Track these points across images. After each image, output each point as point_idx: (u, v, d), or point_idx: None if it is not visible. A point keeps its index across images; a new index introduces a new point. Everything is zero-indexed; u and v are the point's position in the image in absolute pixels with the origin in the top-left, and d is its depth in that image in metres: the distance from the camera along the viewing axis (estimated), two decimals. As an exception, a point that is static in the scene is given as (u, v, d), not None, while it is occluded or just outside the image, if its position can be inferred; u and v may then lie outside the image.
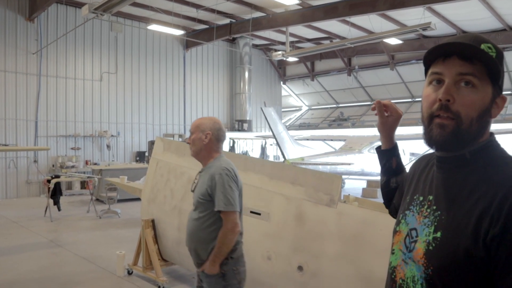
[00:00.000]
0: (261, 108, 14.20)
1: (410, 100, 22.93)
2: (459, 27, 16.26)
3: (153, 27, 14.71)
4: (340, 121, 24.36)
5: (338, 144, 17.55)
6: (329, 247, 3.48)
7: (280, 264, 3.81)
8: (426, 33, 15.84)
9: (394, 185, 1.65)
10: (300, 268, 3.63)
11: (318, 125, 25.19)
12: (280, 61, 23.87)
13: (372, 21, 14.68)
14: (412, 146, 18.10)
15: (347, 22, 15.11)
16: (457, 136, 1.14)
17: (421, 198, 1.28)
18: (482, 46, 1.14)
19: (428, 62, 1.23)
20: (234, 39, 20.07)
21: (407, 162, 16.89)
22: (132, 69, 17.23)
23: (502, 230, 1.01)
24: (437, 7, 13.69)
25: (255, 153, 21.47)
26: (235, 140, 20.65)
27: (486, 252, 1.03)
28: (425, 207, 1.24)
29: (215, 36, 17.27)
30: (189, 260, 5.01)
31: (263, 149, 21.87)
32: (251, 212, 4.14)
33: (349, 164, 13.89)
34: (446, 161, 1.22)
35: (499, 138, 1.24)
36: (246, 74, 20.92)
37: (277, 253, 3.85)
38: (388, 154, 1.67)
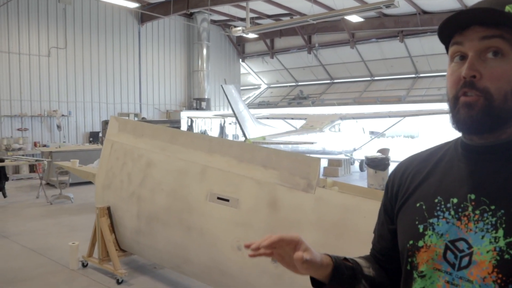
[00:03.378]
0: (221, 86, 13.73)
1: (369, 79, 23.11)
2: (419, 6, 16.33)
3: (105, -2, 13.77)
4: (299, 100, 24.26)
5: (299, 123, 17.43)
6: (307, 236, 3.17)
7: (252, 255, 3.49)
8: (387, 11, 15.78)
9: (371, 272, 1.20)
10: (274, 259, 3.33)
11: (278, 104, 25.00)
12: (239, 38, 23.28)
13: (334, -2, 14.44)
14: (372, 125, 18.32)
15: (308, -2, 14.79)
16: (489, 114, 0.93)
17: (454, 201, 0.98)
18: (507, 8, 0.92)
19: (446, 38, 1.02)
20: (191, 14, 19.29)
21: (368, 141, 17.09)
22: (83, 44, 16.18)
23: None
24: (398, -16, 13.58)
25: (214, 132, 21.01)
26: (193, 119, 20.07)
27: None
28: (470, 209, 0.95)
29: (172, 10, 16.47)
30: (150, 250, 4.64)
31: (222, 128, 21.44)
32: (218, 198, 3.78)
33: (312, 143, 13.77)
34: (490, 149, 0.98)
35: None
36: (204, 51, 20.26)
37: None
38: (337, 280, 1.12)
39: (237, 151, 3.87)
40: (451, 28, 0.98)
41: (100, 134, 14.99)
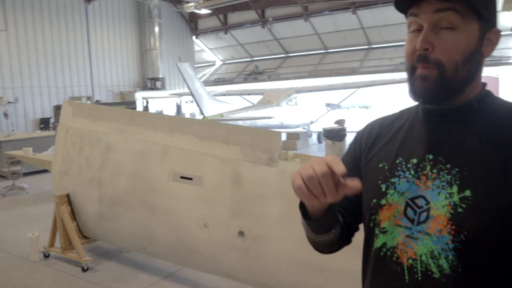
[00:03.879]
0: (176, 64, 13.45)
1: (323, 51, 23.33)
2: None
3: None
4: (255, 75, 24.21)
5: (256, 98, 17.44)
6: (272, 209, 3.25)
7: (218, 231, 3.52)
8: (338, -18, 15.87)
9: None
10: (241, 233, 3.38)
11: (234, 80, 24.85)
12: (191, 14, 22.77)
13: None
14: (327, 97, 18.60)
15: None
16: (442, 86, 1.00)
17: (414, 161, 1.05)
18: None
19: (403, 8, 1.05)
20: (140, -10, 18.62)
21: (323, 113, 17.37)
22: (26, 25, 15.28)
23: None
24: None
25: (171, 112, 20.67)
26: (149, 100, 19.63)
27: None
28: (428, 168, 1.02)
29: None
30: (114, 234, 4.57)
31: (179, 107, 21.14)
32: (182, 177, 3.77)
33: (270, 117, 13.84)
34: (446, 113, 1.05)
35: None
36: (156, 28, 19.70)
37: (214, 219, 3.54)
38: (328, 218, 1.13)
39: (198, 129, 3.84)
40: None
41: (52, 120, 14.38)
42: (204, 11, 18.39)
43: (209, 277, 4.23)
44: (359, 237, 1.27)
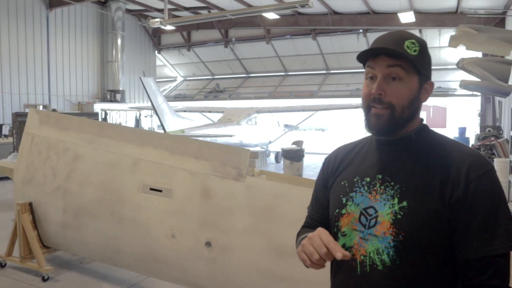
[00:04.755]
0: (140, 78, 13.47)
1: (283, 73, 24.00)
2: (331, 7, 17.34)
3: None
4: (216, 93, 24.47)
5: (216, 116, 17.64)
6: (239, 221, 3.45)
7: (186, 242, 3.67)
8: (301, 10, 16.54)
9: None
10: (208, 244, 3.55)
11: (194, 97, 24.99)
12: (155, 29, 22.83)
13: (251, -6, 14.81)
14: (286, 118, 19.11)
15: (227, -7, 15.00)
16: (391, 123, 1.31)
17: (367, 179, 1.37)
18: (406, 43, 1.30)
19: (363, 60, 1.37)
20: (105, 1, 18.52)
21: (282, 133, 17.83)
22: (-19, 29, 14.82)
23: (464, 193, 1.22)
24: (312, -15, 14.31)
25: (129, 125, 20.45)
26: (107, 112, 19.37)
27: (451, 212, 1.23)
28: (378, 185, 1.34)
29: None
30: (78, 244, 4.59)
31: (138, 120, 20.97)
32: (151, 189, 3.90)
33: (230, 135, 14.07)
34: (393, 143, 1.37)
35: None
36: (119, 41, 19.61)
37: (182, 230, 3.69)
38: None
39: (169, 143, 4.01)
40: (367, 54, 1.34)
41: (9, 128, 13.84)
42: (168, 27, 18.51)
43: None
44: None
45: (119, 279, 4.69)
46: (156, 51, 24.36)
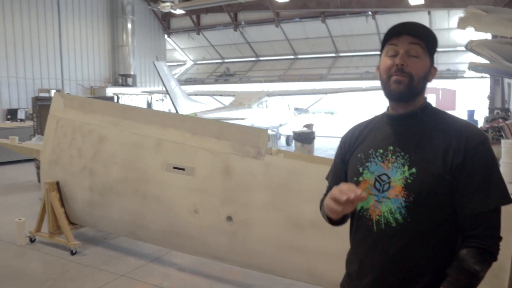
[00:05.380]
0: (153, 62, 13.66)
1: (293, 57, 23.99)
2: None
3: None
4: (226, 77, 24.56)
5: (227, 100, 17.80)
6: (258, 197, 3.68)
7: (208, 217, 3.91)
8: (311, -8, 16.51)
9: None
10: (229, 218, 3.79)
11: (204, 80, 25.10)
12: (164, 14, 22.87)
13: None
14: (296, 101, 19.21)
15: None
16: (410, 89, 1.54)
17: (380, 151, 1.59)
18: (423, 29, 1.55)
19: (387, 39, 1.59)
20: (115, -14, 18.61)
21: (292, 117, 17.96)
22: (-5, 14, 15.03)
23: (463, 159, 1.46)
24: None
25: (141, 110, 20.65)
26: (119, 96, 19.61)
27: (452, 176, 1.47)
28: (389, 155, 1.57)
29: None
30: (104, 220, 4.86)
31: (149, 105, 21.19)
32: (174, 168, 4.13)
33: (242, 119, 14.26)
34: (402, 118, 1.60)
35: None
36: (129, 25, 19.73)
37: (204, 206, 3.93)
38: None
39: (191, 125, 4.22)
40: (391, 33, 1.57)
41: (24, 112, 14.14)
42: (178, 11, 18.62)
43: (194, 261, 4.60)
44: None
45: (142, 253, 4.97)
46: (166, 35, 24.45)
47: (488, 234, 1.46)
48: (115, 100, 18.67)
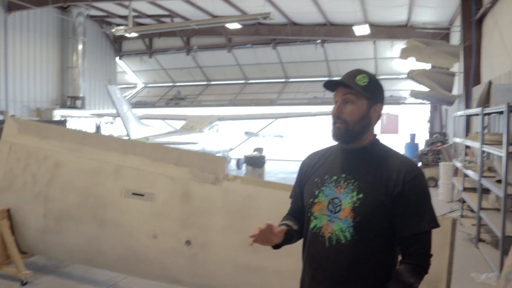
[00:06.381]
0: (106, 86, 13.55)
1: (244, 81, 24.51)
2: (290, 18, 18.06)
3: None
4: (177, 100, 24.60)
5: (178, 124, 17.81)
6: (217, 221, 3.85)
7: (167, 241, 4.02)
8: (262, 21, 17.13)
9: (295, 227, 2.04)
10: (188, 242, 3.92)
11: (155, 104, 25.01)
12: (116, 36, 22.72)
13: (214, 4, 15.22)
14: (246, 125, 19.57)
15: (191, 3, 15.32)
16: (347, 132, 1.85)
17: (334, 177, 1.88)
18: (357, 77, 1.83)
19: (330, 88, 1.91)
20: (67, 6, 18.33)
21: (242, 141, 18.25)
22: None
23: (402, 189, 1.76)
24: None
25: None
26: (67, 118, 19.09)
27: (392, 202, 1.77)
28: (342, 181, 1.85)
29: (50, 1, 15.48)
30: (58, 247, 4.80)
31: (98, 128, 20.75)
32: (133, 194, 4.21)
33: (194, 143, 14.36)
34: (354, 151, 1.89)
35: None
36: (80, 46, 19.43)
37: (163, 230, 4.04)
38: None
39: (150, 151, 4.34)
40: (330, 85, 1.90)
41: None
42: (131, 34, 18.57)
43: (151, 285, 4.64)
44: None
45: (97, 280, 4.93)
46: (117, 57, 24.23)
47: (421, 252, 1.77)
48: (66, 123, 18.20)
